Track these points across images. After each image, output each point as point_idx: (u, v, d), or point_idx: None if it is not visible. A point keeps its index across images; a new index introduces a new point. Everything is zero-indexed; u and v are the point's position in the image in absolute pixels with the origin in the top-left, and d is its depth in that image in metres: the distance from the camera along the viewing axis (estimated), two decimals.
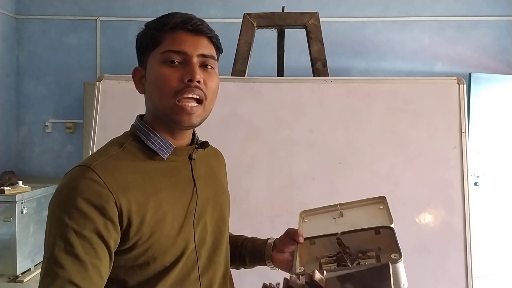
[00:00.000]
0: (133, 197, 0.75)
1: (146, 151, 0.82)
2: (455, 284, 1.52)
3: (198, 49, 0.80)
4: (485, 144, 3.82)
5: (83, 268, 0.69)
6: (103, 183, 0.73)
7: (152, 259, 0.78)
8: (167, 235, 0.79)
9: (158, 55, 0.80)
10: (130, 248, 0.76)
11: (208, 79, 0.81)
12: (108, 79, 1.68)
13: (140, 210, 0.76)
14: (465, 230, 1.54)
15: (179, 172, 0.85)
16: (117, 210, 0.73)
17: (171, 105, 0.79)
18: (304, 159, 1.65)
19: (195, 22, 0.81)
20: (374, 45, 4.22)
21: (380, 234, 0.88)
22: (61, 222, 0.71)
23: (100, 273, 0.71)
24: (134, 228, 0.75)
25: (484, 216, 3.71)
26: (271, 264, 1.00)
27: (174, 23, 0.80)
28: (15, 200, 3.38)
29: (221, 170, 1.02)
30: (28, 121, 4.50)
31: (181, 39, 0.80)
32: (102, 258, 0.72)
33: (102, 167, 0.75)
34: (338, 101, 1.67)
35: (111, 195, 0.73)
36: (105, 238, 0.72)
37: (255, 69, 2.35)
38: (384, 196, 1.00)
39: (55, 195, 0.75)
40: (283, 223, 1.66)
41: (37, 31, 4.47)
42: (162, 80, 0.79)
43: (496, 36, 4.13)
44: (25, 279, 3.46)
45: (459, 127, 1.60)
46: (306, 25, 1.83)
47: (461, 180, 1.57)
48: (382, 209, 0.99)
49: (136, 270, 0.78)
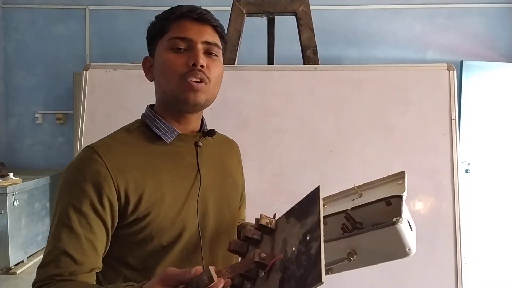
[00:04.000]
0: (131, 176, 0.80)
1: (151, 136, 0.88)
2: (445, 270, 1.53)
3: (202, 36, 0.85)
4: (476, 132, 3.85)
5: (77, 241, 0.75)
6: (103, 162, 0.79)
7: (150, 237, 0.82)
8: (165, 215, 0.83)
9: (165, 42, 0.85)
10: (128, 225, 0.81)
11: (212, 65, 0.86)
12: (96, 68, 1.66)
13: (138, 189, 0.80)
14: (455, 216, 1.55)
15: (183, 157, 0.89)
16: (115, 188, 0.78)
17: (177, 85, 0.83)
18: (294, 148, 1.64)
19: (200, 11, 0.86)
20: (366, 33, 4.21)
21: (391, 205, 0.87)
22: (63, 197, 0.78)
23: (95, 247, 0.77)
24: (132, 206, 0.79)
25: (475, 203, 3.76)
26: None
27: (180, 12, 0.85)
28: (6, 192, 3.35)
29: (231, 160, 1.04)
30: (17, 112, 4.45)
31: (187, 26, 0.85)
32: (97, 233, 0.78)
33: (105, 148, 0.82)
34: (328, 89, 1.66)
35: (109, 173, 0.78)
36: (101, 215, 0.78)
37: (247, 59, 2.33)
38: (404, 171, 0.98)
39: (63, 173, 0.83)
40: (274, 212, 1.66)
41: (24, 20, 4.39)
42: (169, 65, 0.84)
43: (487, 24, 4.13)
44: (18, 271, 3.45)
45: (449, 114, 1.60)
46: (296, 12, 1.81)
47: (451, 167, 1.58)
48: (401, 184, 0.97)
49: (135, 247, 0.83)
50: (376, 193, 1.01)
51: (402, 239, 0.77)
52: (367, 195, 1.02)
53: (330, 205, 1.07)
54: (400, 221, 0.77)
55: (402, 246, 0.77)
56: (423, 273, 1.54)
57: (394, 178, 1.01)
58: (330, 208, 1.05)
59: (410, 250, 0.78)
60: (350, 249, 0.79)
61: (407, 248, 0.78)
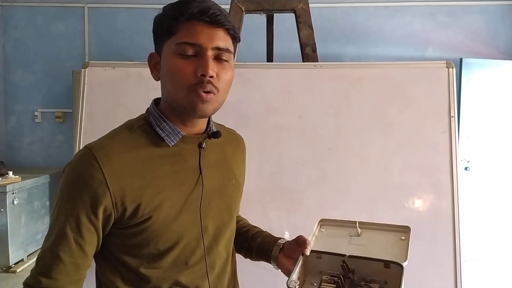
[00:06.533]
0: (128, 183, 0.78)
1: (153, 137, 0.84)
2: (444, 267, 1.53)
3: (213, 42, 0.79)
4: (476, 129, 3.84)
5: (66, 242, 0.76)
6: (99, 168, 0.76)
7: (146, 241, 0.81)
8: (162, 221, 0.81)
9: (173, 46, 0.79)
10: (126, 228, 0.80)
11: (221, 72, 0.81)
12: (94, 66, 1.65)
13: (135, 196, 0.78)
14: (454, 214, 1.55)
15: (185, 160, 0.86)
16: (110, 195, 0.76)
17: (185, 95, 0.79)
18: (293, 146, 1.64)
19: (212, 12, 0.78)
20: (365, 31, 4.19)
21: (389, 268, 0.84)
22: (58, 198, 0.79)
23: (83, 250, 0.78)
24: (129, 213, 0.78)
25: (474, 201, 3.76)
26: (275, 265, 0.99)
27: (191, 13, 0.78)
28: (6, 190, 3.35)
29: (236, 158, 1.01)
30: (16, 110, 4.44)
31: (197, 31, 0.78)
32: (86, 238, 0.78)
33: (103, 151, 0.79)
34: (327, 86, 1.66)
35: (104, 180, 0.76)
36: (92, 220, 0.77)
37: (246, 57, 2.32)
38: (409, 227, 0.96)
39: (62, 173, 0.82)
40: (273, 210, 1.67)
41: (23, 19, 4.37)
42: (176, 72, 0.79)
43: (487, 21, 4.12)
44: (18, 269, 3.45)
45: (448, 111, 1.60)
46: (295, 10, 1.81)
47: (450, 165, 1.57)
48: (403, 240, 0.95)
49: (132, 248, 0.82)
50: (374, 237, 0.99)
51: None
52: (365, 235, 1.00)
53: (326, 229, 1.05)
54: None
55: None
56: (422, 271, 1.54)
57: (398, 229, 0.99)
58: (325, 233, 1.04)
59: None
60: None
61: None
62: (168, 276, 0.84)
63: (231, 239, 0.98)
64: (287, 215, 1.62)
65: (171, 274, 0.84)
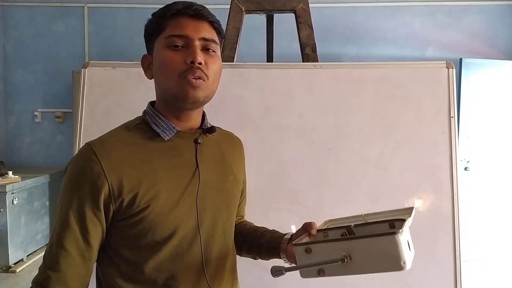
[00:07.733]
0: (126, 174, 0.81)
1: (150, 133, 0.88)
2: (443, 267, 1.53)
3: (199, 33, 0.85)
4: (476, 130, 3.84)
5: (72, 234, 0.80)
6: (97, 160, 0.80)
7: (143, 232, 0.84)
8: (159, 212, 0.83)
9: (163, 40, 0.85)
10: (123, 219, 0.83)
11: (210, 61, 0.86)
12: (94, 66, 1.65)
13: (133, 186, 0.81)
14: (454, 214, 1.55)
15: (181, 154, 0.89)
16: (108, 186, 0.80)
17: (176, 82, 0.84)
18: (293, 146, 1.64)
19: (196, 7, 0.86)
20: (365, 31, 4.20)
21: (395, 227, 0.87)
22: (61, 193, 0.83)
23: (89, 242, 0.81)
24: (126, 202, 0.81)
25: (474, 201, 3.76)
26: (284, 257, 1.00)
27: (177, 9, 0.85)
28: (6, 190, 3.35)
29: (233, 156, 1.03)
30: (16, 110, 4.44)
31: (183, 24, 0.85)
32: (91, 230, 0.81)
33: (101, 145, 0.83)
34: (327, 86, 1.65)
35: (102, 172, 0.80)
36: (95, 212, 0.80)
37: (246, 57, 2.32)
38: (413, 207, 0.97)
39: (65, 169, 0.86)
40: (273, 210, 1.66)
41: (23, 18, 4.38)
42: (167, 63, 0.84)
43: (487, 21, 4.13)
44: (17, 269, 3.46)
45: (448, 111, 1.60)
46: (295, 10, 1.81)
47: (450, 165, 1.57)
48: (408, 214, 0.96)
49: (129, 240, 0.85)
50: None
51: (398, 250, 0.77)
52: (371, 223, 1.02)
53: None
54: (399, 233, 0.77)
55: (398, 258, 0.77)
56: (422, 271, 1.54)
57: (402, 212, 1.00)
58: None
59: (405, 264, 0.78)
60: (346, 252, 0.80)
61: (402, 261, 0.77)
62: (165, 269, 0.85)
63: (230, 235, 0.99)
64: (287, 215, 1.62)
65: (168, 267, 0.86)
